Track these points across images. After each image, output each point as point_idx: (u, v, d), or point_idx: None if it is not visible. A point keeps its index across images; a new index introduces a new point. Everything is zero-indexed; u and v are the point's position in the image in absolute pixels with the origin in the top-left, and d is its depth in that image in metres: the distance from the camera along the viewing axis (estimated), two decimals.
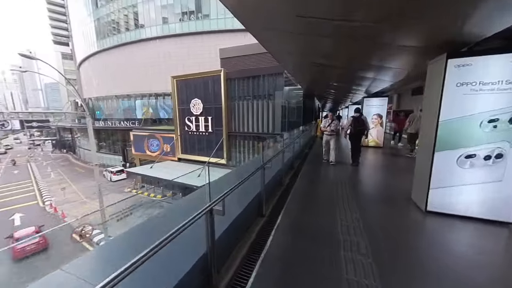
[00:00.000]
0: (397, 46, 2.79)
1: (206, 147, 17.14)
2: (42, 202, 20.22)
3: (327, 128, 6.14)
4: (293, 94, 13.10)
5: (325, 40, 2.92)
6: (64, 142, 51.52)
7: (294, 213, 2.92)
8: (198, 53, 23.37)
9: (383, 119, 7.53)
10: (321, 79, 6.82)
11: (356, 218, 2.67)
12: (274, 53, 4.54)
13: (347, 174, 4.97)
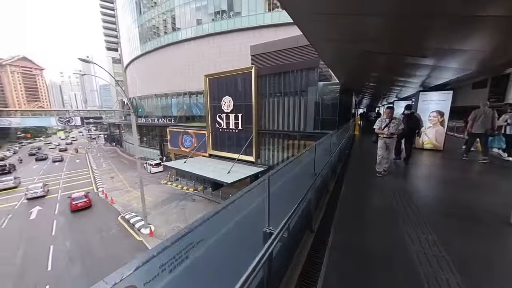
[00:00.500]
0: (483, 17, 2.12)
1: (235, 144, 17.39)
2: (96, 188, 23.35)
3: (384, 131, 4.79)
4: (328, 89, 12.24)
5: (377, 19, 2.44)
6: (114, 136, 58.73)
7: (347, 229, 2.47)
8: (229, 52, 23.75)
9: (445, 117, 6.24)
10: (364, 70, 6.09)
11: (432, 241, 2.10)
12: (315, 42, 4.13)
13: (402, 181, 4.20)
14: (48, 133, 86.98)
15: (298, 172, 2.12)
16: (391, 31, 2.92)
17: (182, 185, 22.50)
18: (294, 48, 13.61)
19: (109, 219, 15.95)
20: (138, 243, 12.70)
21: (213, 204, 17.74)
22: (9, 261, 11.47)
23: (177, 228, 14.11)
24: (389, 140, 4.81)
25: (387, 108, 4.81)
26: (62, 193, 21.94)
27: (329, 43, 4.13)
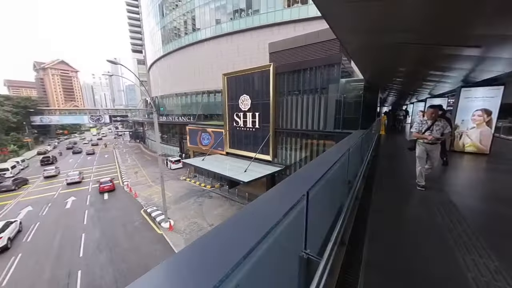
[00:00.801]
0: None
1: (252, 143, 17.35)
2: (122, 182, 24.96)
3: (426, 135, 3.97)
4: (351, 86, 11.57)
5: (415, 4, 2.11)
6: (138, 133, 62.35)
7: (384, 245, 2.12)
8: (247, 50, 23.73)
9: (493, 116, 5.38)
10: (393, 64, 5.56)
11: (494, 268, 1.70)
12: (342, 35, 3.83)
13: (445, 192, 3.60)
14: (82, 130, 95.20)
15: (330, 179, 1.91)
16: (432, 15, 2.55)
17: (200, 181, 23.12)
18: (314, 44, 13.10)
19: (133, 212, 16.93)
20: (159, 237, 13.29)
21: (229, 202, 17.94)
22: (47, 246, 12.71)
23: (195, 224, 14.52)
24: (432, 146, 3.98)
25: (429, 108, 4.07)
26: (92, 186, 23.82)
27: (357, 35, 3.80)
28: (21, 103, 52.04)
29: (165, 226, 14.08)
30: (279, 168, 15.22)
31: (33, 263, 11.15)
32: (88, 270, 10.55)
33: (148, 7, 40.01)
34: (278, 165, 15.60)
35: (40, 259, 11.46)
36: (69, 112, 68.25)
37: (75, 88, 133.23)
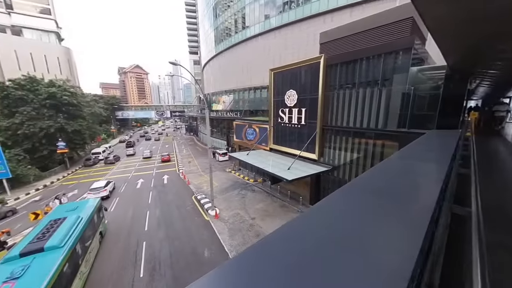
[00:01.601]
0: None
1: (297, 140, 16.72)
2: (178, 170, 28.43)
3: None
4: (425, 76, 9.49)
5: None
6: (192, 127, 69.74)
7: None
8: (295, 43, 22.81)
9: None
10: (496, 41, 4.11)
11: None
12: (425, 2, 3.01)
13: None
14: (149, 123, 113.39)
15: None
16: None
17: (243, 175, 24.02)
18: (375, 29, 11.32)
19: (186, 197, 19.05)
20: (205, 222, 14.52)
21: (271, 198, 17.96)
22: (123, 219, 15.67)
23: (238, 215, 15.18)
24: None
25: None
26: (156, 171, 28.05)
27: (451, 4, 2.90)
28: (109, 101, 65.99)
29: (212, 213, 15.26)
30: (326, 169, 14.17)
31: (117, 227, 14.00)
32: (150, 243, 12.47)
33: (204, 11, 43.34)
34: (325, 165, 14.53)
35: (120, 224, 14.30)
36: (141, 108, 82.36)
37: (146, 87, 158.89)
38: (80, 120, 32.71)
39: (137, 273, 10.09)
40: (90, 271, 10.09)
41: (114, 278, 9.87)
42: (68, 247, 8.43)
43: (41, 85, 28.45)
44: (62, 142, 28.32)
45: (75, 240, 9.05)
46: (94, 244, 11.12)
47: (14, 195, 21.05)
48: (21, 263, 7.32)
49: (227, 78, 36.33)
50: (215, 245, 12.00)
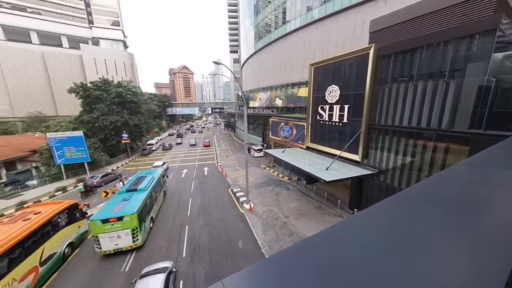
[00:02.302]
0: None
1: (337, 139, 15.65)
2: (217, 163, 30.29)
3: None
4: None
5: None
6: (230, 123, 73.02)
7: None
8: (339, 34, 21.11)
9: None
10: None
11: None
12: None
13: None
14: (193, 119, 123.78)
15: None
16: None
17: (278, 172, 23.95)
18: (444, 10, 9.47)
19: (223, 189, 20.19)
20: (240, 215, 15.12)
21: (306, 198, 17.42)
22: (170, 204, 17.65)
23: (271, 212, 15.28)
24: None
25: None
26: (198, 163, 30.55)
27: None
28: (161, 99, 74.58)
29: (246, 207, 15.77)
30: (371, 172, 12.86)
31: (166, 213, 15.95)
32: (192, 227, 13.74)
33: (245, 10, 44.20)
34: (369, 168, 13.20)
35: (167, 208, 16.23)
36: (186, 105, 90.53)
37: (191, 86, 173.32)
38: (139, 115, 38.06)
39: (181, 254, 11.29)
40: (158, 211, 15.79)
41: (164, 245, 11.32)
42: (148, 191, 14.17)
43: (112, 86, 34.16)
44: (125, 134, 33.59)
45: (151, 189, 14.80)
46: (160, 196, 16.98)
47: (92, 176, 26.13)
48: (127, 195, 13.39)
49: (265, 75, 36.45)
50: (249, 237, 12.40)
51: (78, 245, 12.39)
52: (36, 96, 59.52)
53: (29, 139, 34.58)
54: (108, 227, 10.75)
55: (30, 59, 58.56)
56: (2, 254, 8.04)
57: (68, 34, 65.39)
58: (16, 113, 56.19)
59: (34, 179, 25.85)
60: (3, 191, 22.31)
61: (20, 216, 10.34)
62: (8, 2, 57.96)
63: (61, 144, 24.34)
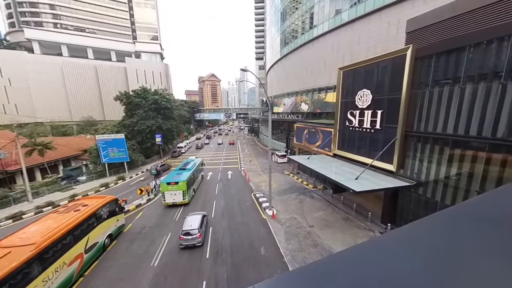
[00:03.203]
0: None
1: (368, 147, 14.63)
2: (240, 167, 30.78)
3: None
4: None
5: None
6: (254, 128, 73.97)
7: None
8: (371, 36, 20.03)
9: None
10: None
11: None
12: None
13: None
14: (219, 123, 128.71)
15: None
16: None
17: (302, 179, 23.27)
18: (498, 3, 8.31)
19: (246, 193, 20.35)
20: (263, 220, 15.00)
21: (332, 207, 16.52)
22: (195, 203, 18.40)
23: (295, 220, 14.84)
24: None
25: None
26: (222, 167, 31.46)
27: None
28: (191, 105, 79.45)
29: (269, 213, 15.60)
30: (408, 184, 11.67)
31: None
32: (215, 229, 14.08)
33: (272, 18, 45.07)
34: (406, 180, 12.00)
35: (194, 208, 16.97)
36: (213, 111, 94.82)
37: (218, 93, 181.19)
38: (172, 120, 41.02)
39: (204, 254, 11.61)
40: (197, 187, 22.02)
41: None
42: (192, 171, 20.42)
43: (149, 93, 37.64)
44: (159, 135, 36.50)
45: (194, 170, 21.02)
46: (198, 178, 23.10)
47: (129, 174, 28.83)
48: (180, 171, 20.28)
49: (290, 80, 36.30)
50: (271, 244, 12.19)
51: (116, 237, 13.66)
52: (89, 103, 68.99)
53: (82, 140, 39.88)
54: (170, 187, 17.47)
55: (86, 72, 68.64)
56: (58, 239, 9.28)
57: (116, 49, 75.17)
58: (73, 118, 65.59)
59: (83, 175, 29.54)
60: (60, 184, 25.95)
61: (72, 207, 11.88)
62: (72, 25, 69.13)
63: (106, 145, 27.48)
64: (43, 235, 8.95)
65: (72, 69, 66.45)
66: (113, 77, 72.03)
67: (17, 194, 21.26)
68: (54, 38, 66.05)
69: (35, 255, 8.13)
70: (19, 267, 7.52)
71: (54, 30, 66.67)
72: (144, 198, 19.63)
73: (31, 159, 25.37)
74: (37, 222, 10.31)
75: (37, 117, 54.98)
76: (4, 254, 7.74)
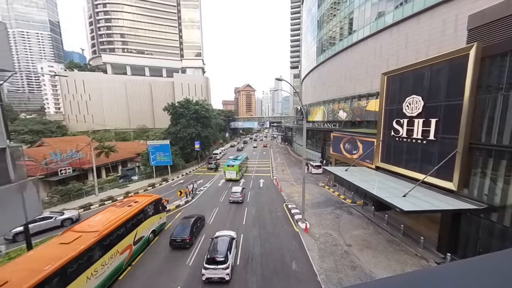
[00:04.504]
0: None
1: (420, 160, 12.79)
2: (272, 176, 30.57)
3: None
4: None
5: None
6: (287, 137, 73.12)
7: None
8: (421, 37, 17.95)
9: None
10: None
11: None
12: None
13: None
14: (252, 132, 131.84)
15: None
16: None
17: (339, 192, 21.66)
18: None
19: (277, 203, 19.99)
20: (295, 233, 14.40)
21: (374, 227, 14.78)
22: (226, 214, 18.93)
23: (330, 236, 13.79)
24: None
25: None
26: (254, 174, 31.81)
27: None
28: (227, 114, 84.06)
29: (302, 226, 14.91)
30: (475, 207, 9.67)
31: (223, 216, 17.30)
32: (246, 237, 14.14)
33: (308, 27, 45.01)
34: (473, 202, 9.97)
35: (222, 217, 17.51)
36: (247, 120, 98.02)
37: (252, 102, 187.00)
38: (209, 128, 44.02)
39: (235, 260, 11.73)
40: (243, 173, 31.21)
41: None
42: (241, 161, 30.46)
43: (191, 104, 41.46)
44: (198, 141, 39.53)
45: (242, 161, 30.94)
46: (244, 168, 32.44)
47: (172, 177, 31.75)
48: (233, 160, 30.50)
49: (326, 88, 35.07)
50: (303, 260, 11.55)
51: (158, 234, 15.04)
52: (143, 113, 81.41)
53: (136, 145, 46.10)
54: (229, 168, 27.87)
55: (143, 87, 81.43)
56: (115, 229, 10.75)
57: (167, 67, 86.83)
58: (131, 126, 77.11)
59: (136, 175, 33.87)
60: (118, 182, 30.30)
61: (126, 202, 13.70)
62: (135, 49, 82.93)
63: (155, 150, 31.11)
64: (104, 225, 10.53)
65: (132, 85, 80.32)
66: (163, 91, 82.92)
67: (88, 188, 25.67)
68: (122, 60, 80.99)
69: (98, 240, 9.59)
70: (87, 248, 8.99)
71: (122, 54, 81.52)
72: (183, 200, 21.21)
73: (99, 160, 30.45)
74: (100, 213, 12.20)
75: (106, 125, 66.64)
76: (77, 237, 9.38)
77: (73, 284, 8.16)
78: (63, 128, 64.17)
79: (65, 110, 75.38)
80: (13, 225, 6.60)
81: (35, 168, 23.56)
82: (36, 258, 8.19)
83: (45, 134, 50.33)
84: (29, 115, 75.77)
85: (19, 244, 13.41)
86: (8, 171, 4.99)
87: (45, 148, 30.52)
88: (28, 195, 5.38)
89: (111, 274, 10.18)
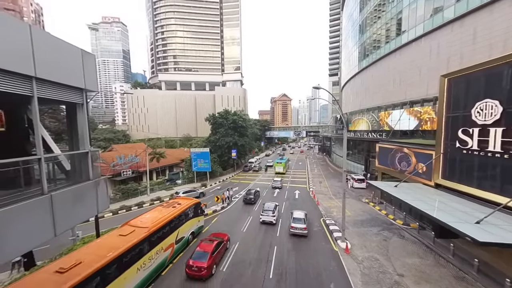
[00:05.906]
0: None
1: (499, 179, 10.26)
2: (308, 188, 29.15)
3: None
4: None
5: None
6: (325, 147, 69.38)
7: None
8: (496, 29, 14.93)
9: None
10: None
11: None
12: None
13: None
14: (288, 141, 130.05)
15: None
16: None
17: (387, 211, 19.05)
18: None
19: (314, 217, 18.77)
20: (334, 253, 13.16)
21: (435, 257, 12.29)
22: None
23: (376, 261, 12.09)
24: None
25: None
26: (289, 185, 30.96)
27: None
28: (262, 124, 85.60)
29: (342, 245, 13.56)
30: None
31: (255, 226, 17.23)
32: (280, 249, 13.61)
33: (349, 32, 43.07)
34: None
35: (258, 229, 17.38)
36: (283, 129, 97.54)
37: (288, 111, 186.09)
38: (245, 137, 45.49)
39: (268, 272, 11.38)
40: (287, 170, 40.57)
41: None
42: (285, 161, 42.78)
43: (230, 114, 43.93)
44: (234, 149, 41.21)
45: (286, 161, 43.39)
46: (287, 166, 43.27)
47: (210, 183, 33.68)
48: (280, 159, 43.74)
49: (370, 95, 32.28)
50: (343, 284, 10.39)
51: (196, 236, 15.92)
52: (188, 123, 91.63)
53: (181, 152, 51.06)
54: (278, 164, 39.06)
55: (189, 100, 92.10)
56: (161, 227, 11.88)
57: (210, 81, 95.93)
58: (178, 134, 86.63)
59: (180, 179, 37.24)
60: (165, 184, 33.85)
61: (170, 203, 15.10)
62: (184, 67, 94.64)
63: (196, 157, 33.78)
64: (152, 222, 11.79)
65: (180, 98, 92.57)
66: (205, 103, 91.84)
67: (142, 189, 29.47)
68: (173, 78, 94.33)
69: (147, 236, 10.76)
70: (139, 241, 10.19)
71: (173, 73, 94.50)
72: (219, 205, 22.10)
73: (152, 164, 34.81)
74: (150, 212, 13.74)
75: (158, 134, 76.54)
76: (132, 231, 10.75)
77: (127, 273, 9.27)
78: (127, 136, 76.61)
79: (129, 121, 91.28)
80: (89, 216, 8.02)
81: (105, 169, 28.48)
82: (102, 245, 9.69)
83: (114, 141, 61.31)
84: (104, 125, 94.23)
85: (91, 232, 16.15)
86: (88, 171, 6.19)
87: (113, 152, 36.76)
88: (100, 191, 6.54)
89: (156, 269, 11.18)
